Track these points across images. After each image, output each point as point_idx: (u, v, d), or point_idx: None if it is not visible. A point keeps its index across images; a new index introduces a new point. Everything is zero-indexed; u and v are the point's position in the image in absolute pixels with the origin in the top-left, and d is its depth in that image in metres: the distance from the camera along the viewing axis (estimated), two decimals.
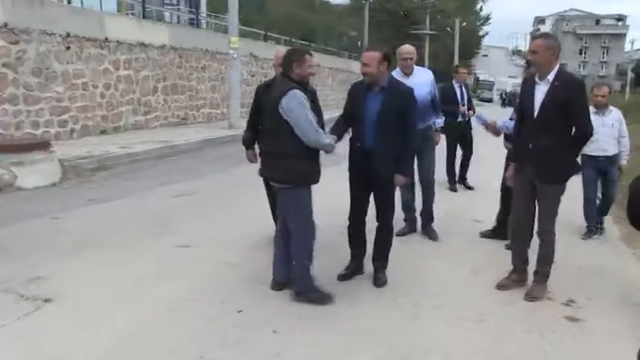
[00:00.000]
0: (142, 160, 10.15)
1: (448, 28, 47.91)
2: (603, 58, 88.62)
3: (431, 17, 47.87)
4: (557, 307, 4.02)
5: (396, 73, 5.26)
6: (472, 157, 8.66)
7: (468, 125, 8.52)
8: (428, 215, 5.72)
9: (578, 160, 4.84)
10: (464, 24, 50.34)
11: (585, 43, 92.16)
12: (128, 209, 6.69)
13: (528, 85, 4.17)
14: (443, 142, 6.12)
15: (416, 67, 5.51)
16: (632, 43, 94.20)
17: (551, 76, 3.98)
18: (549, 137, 3.97)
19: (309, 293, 3.95)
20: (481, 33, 61.76)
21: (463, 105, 8.38)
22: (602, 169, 5.82)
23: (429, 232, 5.66)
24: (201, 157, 10.89)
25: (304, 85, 3.85)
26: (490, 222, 6.29)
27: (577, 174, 4.31)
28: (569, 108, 3.93)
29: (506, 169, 5.92)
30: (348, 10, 51.70)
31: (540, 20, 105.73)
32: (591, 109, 5.66)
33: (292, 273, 4.00)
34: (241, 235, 5.08)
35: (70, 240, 5.37)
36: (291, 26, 28.42)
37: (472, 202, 7.65)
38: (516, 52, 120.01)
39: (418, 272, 4.68)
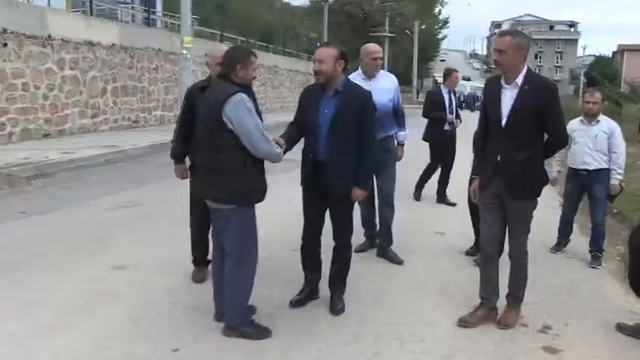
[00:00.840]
0: (85, 167, 9.45)
1: (407, 31, 48.07)
2: (557, 62, 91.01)
3: (390, 20, 47.92)
4: (532, 335, 3.65)
5: (357, 76, 4.80)
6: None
7: (453, 135, 7.71)
8: (386, 237, 5.13)
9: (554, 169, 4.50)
10: (423, 27, 50.60)
11: (540, 47, 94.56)
12: (63, 223, 6.06)
13: (493, 90, 3.63)
14: (405, 159, 5.50)
15: (380, 71, 5.00)
16: (584, 48, 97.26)
17: (519, 80, 3.48)
18: (520, 148, 3.51)
19: (244, 328, 3.44)
20: (440, 36, 62.33)
21: (451, 113, 7.60)
22: (585, 185, 5.20)
23: (389, 257, 5.07)
24: (150, 163, 10.23)
25: (247, 90, 3.34)
26: (453, 234, 6.06)
27: (547, 185, 3.84)
28: (543, 115, 3.46)
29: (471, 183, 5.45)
30: (307, 11, 51.33)
31: (497, 25, 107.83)
32: (579, 117, 5.24)
33: (225, 304, 3.47)
34: (184, 256, 4.53)
35: None
36: (249, 27, 27.84)
37: (433, 212, 7.25)
38: (474, 56, 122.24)
39: (379, 296, 4.25)
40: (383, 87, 4.84)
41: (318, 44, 3.73)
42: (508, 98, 3.52)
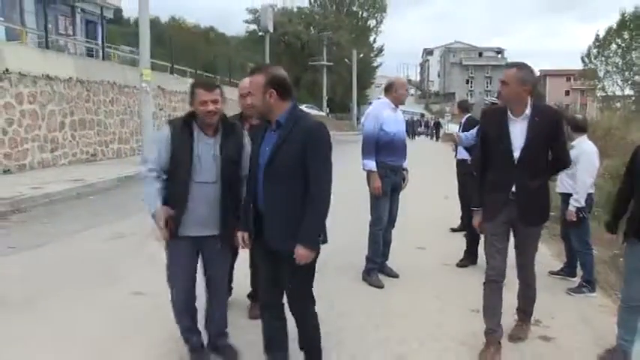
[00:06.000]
0: (59, 201, 9.44)
1: (346, 60, 49.36)
2: (487, 87, 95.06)
3: (327, 49, 49.11)
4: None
5: (385, 106, 5.20)
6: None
7: None
8: (386, 253, 5.53)
9: None
10: (361, 55, 52.05)
11: (471, 73, 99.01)
12: (61, 256, 6.08)
13: (497, 121, 3.61)
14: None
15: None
16: None
17: (528, 111, 3.52)
18: (535, 177, 3.57)
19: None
20: (375, 64, 64.18)
21: None
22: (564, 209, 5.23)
23: (386, 271, 5.45)
24: (123, 196, 10.29)
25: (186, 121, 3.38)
26: (432, 247, 6.64)
27: None
28: (552, 143, 3.59)
29: (464, 207, 6.03)
30: (244, 41, 51.83)
31: (429, 52, 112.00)
32: None
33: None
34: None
35: None
36: (193, 59, 27.96)
37: (407, 226, 6.94)
38: (408, 82, 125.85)
39: (379, 322, 4.35)
40: (401, 117, 5.35)
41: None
42: (518, 131, 3.53)
